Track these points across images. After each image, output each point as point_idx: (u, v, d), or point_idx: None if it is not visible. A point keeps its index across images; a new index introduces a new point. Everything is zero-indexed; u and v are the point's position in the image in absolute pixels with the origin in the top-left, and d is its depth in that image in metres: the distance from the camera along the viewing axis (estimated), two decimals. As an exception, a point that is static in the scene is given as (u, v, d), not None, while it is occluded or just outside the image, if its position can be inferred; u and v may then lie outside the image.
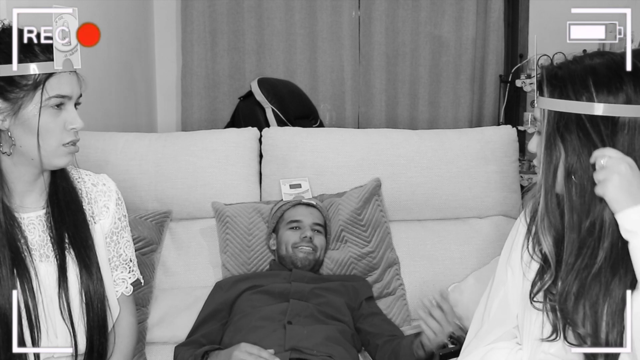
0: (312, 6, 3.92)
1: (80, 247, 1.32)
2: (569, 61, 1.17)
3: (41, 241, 1.30)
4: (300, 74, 3.94)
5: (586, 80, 1.12)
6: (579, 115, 1.11)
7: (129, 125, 3.26)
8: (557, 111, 1.13)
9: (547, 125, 1.14)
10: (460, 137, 2.27)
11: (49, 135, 1.23)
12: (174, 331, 1.92)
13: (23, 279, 1.24)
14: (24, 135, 1.22)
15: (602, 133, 1.11)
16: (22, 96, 1.20)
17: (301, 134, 2.26)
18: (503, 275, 1.33)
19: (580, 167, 1.12)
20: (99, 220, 1.39)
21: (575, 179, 1.13)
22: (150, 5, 3.87)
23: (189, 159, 2.16)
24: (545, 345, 1.22)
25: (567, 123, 1.12)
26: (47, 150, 1.24)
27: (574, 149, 1.12)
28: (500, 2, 3.91)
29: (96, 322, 1.33)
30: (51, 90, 1.21)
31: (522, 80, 3.54)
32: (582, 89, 1.11)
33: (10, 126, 1.22)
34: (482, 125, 3.88)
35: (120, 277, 1.45)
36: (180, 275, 2.07)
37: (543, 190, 1.16)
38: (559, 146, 1.13)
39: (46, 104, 1.21)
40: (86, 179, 1.41)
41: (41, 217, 1.31)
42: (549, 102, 1.14)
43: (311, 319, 1.71)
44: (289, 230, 1.94)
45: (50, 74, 1.21)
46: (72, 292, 1.30)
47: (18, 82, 1.19)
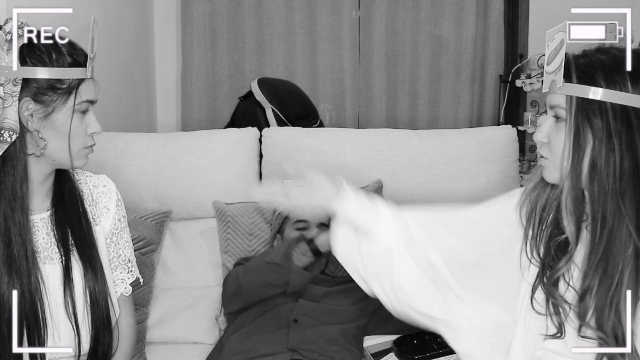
0: (312, 6, 3.92)
1: (85, 247, 1.33)
2: (594, 50, 1.15)
3: (45, 243, 1.31)
4: (300, 74, 3.94)
5: (621, 69, 1.10)
6: (612, 105, 1.09)
7: (129, 125, 3.26)
8: (587, 99, 1.10)
9: (575, 111, 1.11)
10: (460, 137, 2.27)
11: (75, 139, 1.26)
12: (173, 331, 1.92)
13: (29, 281, 1.24)
14: (52, 137, 1.24)
15: (632, 124, 1.09)
16: (56, 99, 1.22)
17: (301, 134, 2.27)
18: None
19: (608, 159, 1.10)
20: (100, 222, 1.40)
21: (601, 169, 1.10)
22: (150, 5, 3.87)
23: (189, 159, 2.16)
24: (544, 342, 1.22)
25: (598, 111, 1.09)
26: (74, 152, 1.27)
27: (602, 138, 1.10)
28: (500, 2, 3.91)
29: (101, 321, 1.33)
30: (84, 95, 1.24)
31: (522, 80, 3.54)
32: (618, 77, 1.09)
33: (40, 128, 1.23)
34: (482, 125, 3.88)
35: (120, 278, 1.45)
36: (180, 275, 2.07)
37: (570, 180, 1.13)
38: (588, 134, 1.11)
39: (77, 108, 1.24)
40: (87, 180, 1.42)
41: (45, 220, 1.32)
42: (579, 89, 1.11)
43: (316, 320, 1.70)
44: (295, 231, 1.92)
45: (82, 80, 1.24)
46: (77, 293, 1.30)
47: (54, 86, 1.21)
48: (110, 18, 3.00)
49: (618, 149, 1.09)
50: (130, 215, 1.96)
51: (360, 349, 1.76)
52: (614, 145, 1.09)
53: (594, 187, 1.11)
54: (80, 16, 1.30)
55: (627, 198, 1.10)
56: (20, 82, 1.19)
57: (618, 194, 1.10)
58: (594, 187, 1.11)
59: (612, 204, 1.10)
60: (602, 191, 1.10)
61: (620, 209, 1.10)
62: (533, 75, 3.52)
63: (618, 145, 1.09)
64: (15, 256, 1.23)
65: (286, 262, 1.60)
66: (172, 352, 1.86)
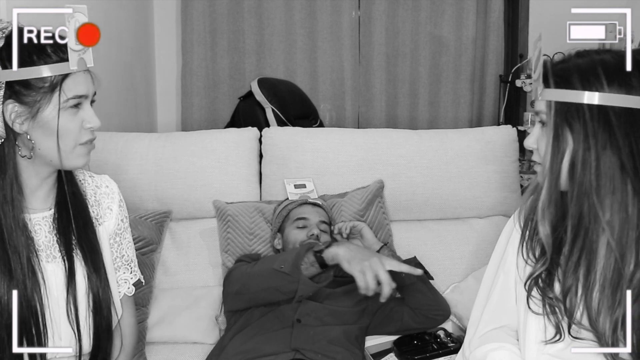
0: (312, 6, 3.92)
1: (90, 251, 1.32)
2: (573, 55, 1.17)
3: (47, 242, 1.30)
4: (300, 74, 3.94)
5: (595, 70, 1.11)
6: (589, 106, 1.11)
7: (129, 125, 3.26)
8: (565, 102, 1.12)
9: (554, 115, 1.14)
10: (460, 137, 2.27)
11: (67, 136, 1.22)
12: (173, 331, 1.91)
13: (29, 280, 1.24)
14: (42, 137, 1.21)
15: (611, 124, 1.10)
16: (40, 99, 1.19)
17: (301, 134, 2.26)
18: (495, 278, 1.34)
19: (585, 159, 1.12)
20: (102, 222, 1.39)
21: (578, 169, 1.12)
22: (150, 5, 3.87)
23: (189, 159, 2.16)
24: (546, 347, 1.22)
25: (576, 112, 1.12)
26: (66, 150, 1.23)
27: (579, 139, 1.12)
28: (500, 2, 3.91)
29: (104, 325, 1.33)
30: (69, 91, 1.20)
31: (522, 80, 3.54)
32: (592, 78, 1.11)
33: (28, 129, 1.21)
34: (482, 125, 3.88)
35: (123, 278, 1.45)
36: (180, 275, 2.07)
37: (547, 180, 1.15)
38: (567, 136, 1.13)
39: (64, 105, 1.20)
40: (90, 181, 1.41)
41: (47, 219, 1.31)
42: (556, 94, 1.13)
43: (320, 320, 1.70)
44: (297, 229, 1.91)
45: (66, 75, 1.20)
46: (80, 294, 1.30)
47: (34, 85, 1.18)
48: (110, 18, 3.00)
49: (594, 149, 1.11)
50: (130, 215, 1.95)
51: (361, 350, 1.76)
52: (590, 145, 1.11)
53: (573, 187, 1.13)
54: (80, 16, 1.29)
55: (604, 197, 1.12)
56: (3, 86, 1.17)
57: (594, 193, 1.11)
58: (573, 186, 1.13)
59: (589, 202, 1.12)
60: (580, 191, 1.12)
61: (596, 208, 1.11)
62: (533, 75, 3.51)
63: (594, 145, 1.11)
64: (11, 259, 1.22)
65: (295, 272, 1.61)
66: (172, 352, 1.86)
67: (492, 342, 1.31)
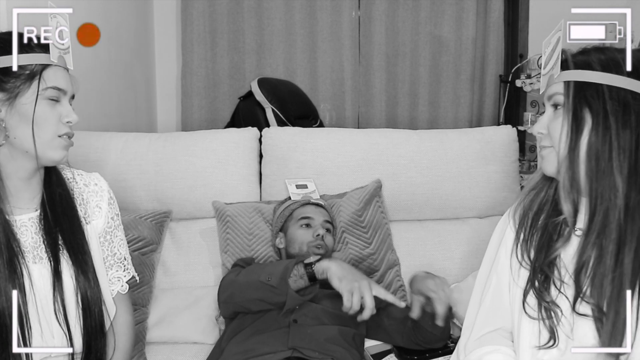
0: (312, 6, 3.92)
1: (77, 252, 1.31)
2: (591, 48, 1.18)
3: (34, 243, 1.30)
4: (300, 74, 3.94)
5: (616, 58, 1.13)
6: (609, 86, 1.12)
7: (129, 125, 3.26)
8: (584, 82, 1.13)
9: (573, 95, 1.14)
10: (460, 137, 2.27)
11: (44, 125, 1.24)
12: (173, 331, 1.92)
13: (15, 280, 1.23)
14: (19, 124, 1.23)
15: (630, 105, 1.11)
16: (19, 85, 1.22)
17: (301, 134, 2.26)
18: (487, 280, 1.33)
19: (605, 138, 1.12)
20: (91, 221, 1.38)
21: (597, 147, 1.13)
22: (150, 5, 3.87)
23: (189, 159, 2.16)
24: (539, 352, 1.22)
25: (595, 92, 1.12)
26: (43, 140, 1.24)
27: (599, 118, 1.12)
28: (500, 2, 3.91)
29: (94, 326, 1.32)
30: (48, 80, 1.24)
31: (522, 80, 3.54)
32: (612, 64, 1.12)
33: (5, 116, 1.23)
34: (482, 125, 3.89)
35: (116, 276, 1.45)
36: (180, 275, 2.07)
37: (567, 160, 1.15)
38: (586, 116, 1.13)
39: (42, 94, 1.23)
40: (78, 179, 1.40)
41: (33, 219, 1.31)
42: (575, 74, 1.14)
43: (317, 320, 1.70)
44: (301, 228, 1.91)
45: (46, 66, 1.23)
46: (68, 294, 1.29)
47: (14, 71, 1.21)
48: (110, 18, 3.00)
49: (615, 128, 1.12)
50: (130, 215, 1.96)
51: (360, 350, 1.76)
52: (610, 124, 1.11)
53: (592, 165, 1.14)
54: (80, 16, 1.30)
55: (622, 175, 1.13)
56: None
57: (614, 171, 1.12)
58: (592, 165, 1.14)
59: (608, 181, 1.13)
60: (599, 169, 1.13)
61: (616, 185, 1.12)
62: (533, 75, 3.52)
63: (615, 124, 1.12)
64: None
65: (282, 286, 1.62)
66: (172, 352, 1.86)
67: (487, 345, 1.30)
